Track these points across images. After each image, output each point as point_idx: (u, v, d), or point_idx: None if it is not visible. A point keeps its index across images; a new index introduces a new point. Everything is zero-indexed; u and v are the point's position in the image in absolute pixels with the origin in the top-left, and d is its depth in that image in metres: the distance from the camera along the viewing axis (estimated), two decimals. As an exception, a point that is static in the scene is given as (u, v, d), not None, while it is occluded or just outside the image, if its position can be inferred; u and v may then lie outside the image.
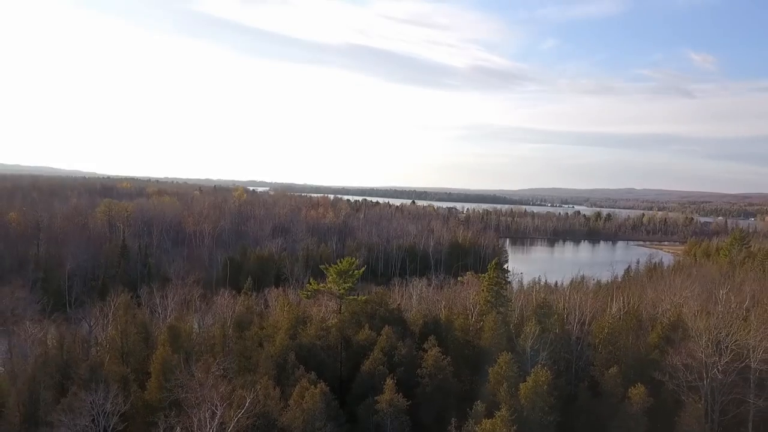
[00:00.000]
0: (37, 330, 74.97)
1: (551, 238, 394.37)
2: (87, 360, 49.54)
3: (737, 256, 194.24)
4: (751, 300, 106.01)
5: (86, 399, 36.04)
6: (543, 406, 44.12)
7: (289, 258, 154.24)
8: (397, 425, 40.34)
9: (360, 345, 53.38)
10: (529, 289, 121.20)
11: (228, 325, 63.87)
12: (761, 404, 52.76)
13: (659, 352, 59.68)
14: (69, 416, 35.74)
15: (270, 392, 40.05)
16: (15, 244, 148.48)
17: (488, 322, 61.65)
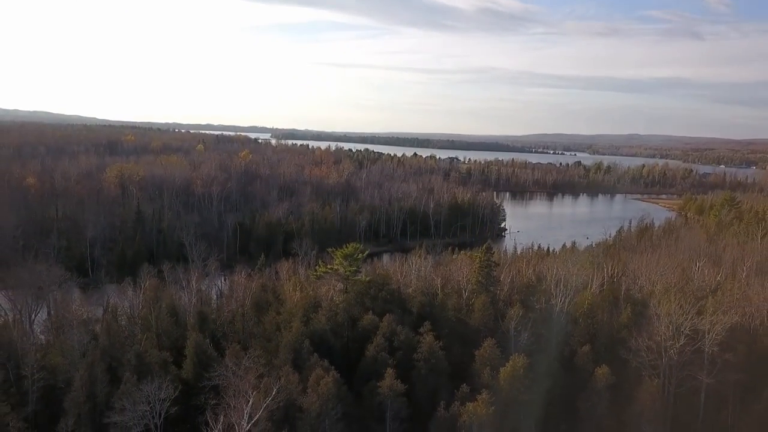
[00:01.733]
0: (79, 305, 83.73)
1: (550, 191, 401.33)
2: (131, 345, 57.55)
3: (726, 217, 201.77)
4: (726, 271, 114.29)
5: (144, 389, 44.08)
6: (519, 387, 52.36)
7: (296, 222, 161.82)
8: (396, 405, 48.63)
9: (364, 328, 61.46)
10: (522, 257, 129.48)
11: (246, 304, 72.04)
12: (711, 381, 61.21)
13: (627, 331, 67.66)
14: (129, 402, 43.92)
15: (290, 378, 48.22)
16: (35, 209, 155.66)
17: (478, 304, 69.57)
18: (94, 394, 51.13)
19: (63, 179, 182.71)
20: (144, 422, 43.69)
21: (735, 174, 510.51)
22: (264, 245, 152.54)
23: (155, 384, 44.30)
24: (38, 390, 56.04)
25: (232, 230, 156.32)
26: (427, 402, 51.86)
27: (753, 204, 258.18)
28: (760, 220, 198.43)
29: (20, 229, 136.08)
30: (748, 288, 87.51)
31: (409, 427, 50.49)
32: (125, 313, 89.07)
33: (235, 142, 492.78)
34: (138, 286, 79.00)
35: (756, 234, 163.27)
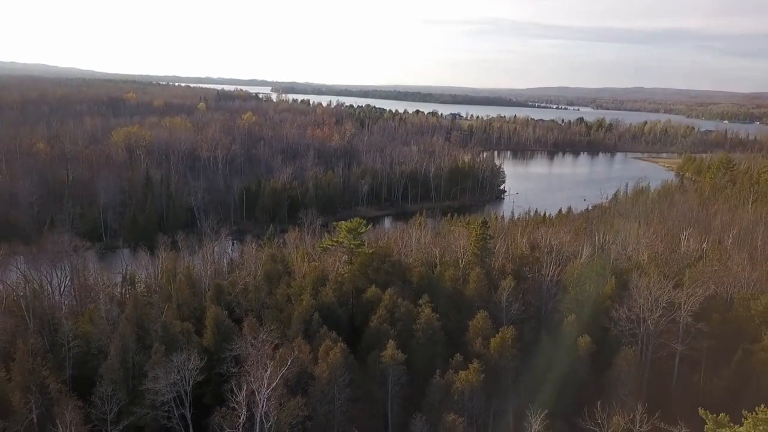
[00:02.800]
0: (100, 273, 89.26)
1: (551, 150, 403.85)
2: (155, 316, 63.17)
3: (720, 180, 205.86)
4: (713, 238, 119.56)
5: (174, 359, 49.82)
6: (508, 356, 58.16)
7: (300, 188, 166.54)
8: (396, 372, 54.50)
9: (368, 300, 67.07)
10: (517, 225, 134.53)
11: (258, 275, 77.58)
12: (684, 348, 67.12)
13: (611, 302, 73.17)
14: (162, 371, 49.72)
15: (303, 349, 53.98)
16: (46, 176, 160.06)
17: (473, 276, 74.94)
18: (126, 361, 57.07)
19: (72, 143, 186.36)
20: (176, 389, 49.62)
21: (737, 131, 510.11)
22: (270, 210, 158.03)
23: (184, 355, 49.98)
24: (74, 356, 62.14)
25: (239, 195, 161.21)
26: (424, 369, 57.76)
27: (750, 165, 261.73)
28: (754, 184, 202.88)
29: (35, 196, 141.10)
30: (728, 258, 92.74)
31: (408, 391, 56.53)
32: (142, 281, 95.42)
33: (237, 99, 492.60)
34: (153, 254, 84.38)
35: (747, 198, 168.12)
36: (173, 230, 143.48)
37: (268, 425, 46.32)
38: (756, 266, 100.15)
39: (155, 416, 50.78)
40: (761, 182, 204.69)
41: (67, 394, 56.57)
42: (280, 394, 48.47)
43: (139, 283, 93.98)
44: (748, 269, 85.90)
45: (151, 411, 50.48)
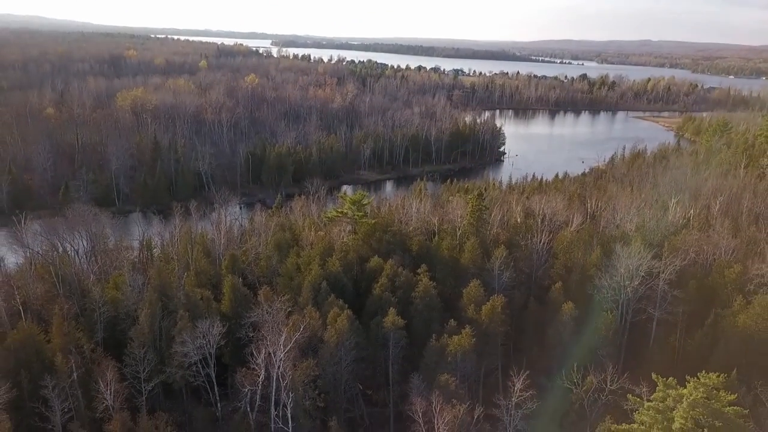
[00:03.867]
0: (119, 240, 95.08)
1: (553, 109, 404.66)
2: (177, 284, 69.16)
3: (716, 144, 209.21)
4: (701, 204, 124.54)
5: (199, 326, 55.95)
6: (497, 321, 64.28)
7: (304, 152, 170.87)
8: (397, 336, 60.69)
9: (371, 269, 72.91)
10: (513, 191, 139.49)
11: (269, 244, 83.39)
12: (662, 313, 73.30)
13: (596, 270, 78.91)
14: (189, 335, 55.92)
15: (313, 315, 60.13)
16: (57, 140, 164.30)
17: (468, 246, 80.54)
18: (154, 326, 63.33)
19: (79, 107, 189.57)
20: (201, 352, 55.97)
21: (741, 88, 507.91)
22: (275, 175, 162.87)
23: (208, 322, 56.14)
24: (104, 321, 68.41)
25: (244, 160, 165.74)
26: (422, 333, 64.02)
27: (749, 125, 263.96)
28: (749, 147, 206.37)
29: (49, 161, 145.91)
30: (710, 228, 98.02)
31: (407, 353, 62.90)
32: (158, 246, 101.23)
33: (237, 55, 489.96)
34: (164, 219, 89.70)
35: (740, 163, 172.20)
36: (183, 195, 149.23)
37: (283, 383, 52.70)
38: (738, 233, 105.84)
39: (183, 375, 57.34)
40: (756, 145, 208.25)
41: (102, 355, 63.23)
42: (294, 356, 54.74)
43: (155, 248, 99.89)
44: (728, 237, 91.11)
45: (179, 370, 56.96)
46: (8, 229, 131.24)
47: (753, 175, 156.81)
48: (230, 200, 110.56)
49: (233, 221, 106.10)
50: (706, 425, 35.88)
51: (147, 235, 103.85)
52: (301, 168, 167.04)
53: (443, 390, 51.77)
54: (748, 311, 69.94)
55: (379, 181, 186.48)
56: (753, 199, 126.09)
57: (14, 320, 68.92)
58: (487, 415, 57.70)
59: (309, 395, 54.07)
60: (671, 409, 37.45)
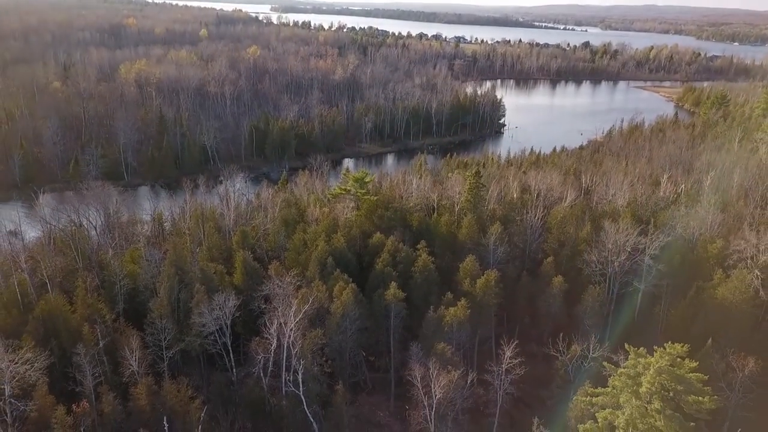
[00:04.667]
0: (133, 215, 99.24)
1: (554, 79, 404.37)
2: (191, 258, 73.75)
3: (713, 116, 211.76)
4: (693, 178, 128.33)
5: (215, 299, 60.68)
6: (491, 294, 69.02)
7: (306, 126, 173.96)
8: (397, 308, 65.47)
9: (374, 245, 77.40)
10: (511, 166, 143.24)
11: (276, 220, 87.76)
12: (647, 286, 78.01)
13: (586, 245, 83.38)
14: (206, 307, 60.72)
15: (320, 289, 64.88)
16: (64, 114, 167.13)
17: (465, 222, 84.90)
18: (172, 298, 68.19)
19: (84, 79, 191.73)
20: (218, 322, 60.85)
21: (744, 56, 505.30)
22: (278, 148, 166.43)
23: (224, 295, 60.91)
24: (124, 293, 73.17)
25: (248, 133, 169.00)
26: (421, 305, 68.80)
27: (748, 96, 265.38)
28: (746, 119, 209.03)
29: (59, 136, 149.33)
30: (698, 203, 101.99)
31: (407, 323, 67.80)
32: (168, 220, 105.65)
33: (238, 22, 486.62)
34: (172, 192, 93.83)
35: (735, 136, 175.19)
36: (189, 168, 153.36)
37: (294, 351, 57.67)
38: (727, 208, 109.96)
39: (201, 343, 62.39)
40: (753, 117, 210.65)
41: (124, 325, 68.20)
42: (303, 326, 59.60)
43: (166, 223, 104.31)
44: (714, 213, 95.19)
45: (198, 339, 62.00)
46: (22, 203, 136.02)
47: (746, 149, 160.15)
48: (236, 174, 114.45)
49: (240, 196, 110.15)
50: (670, 389, 40.75)
51: (158, 210, 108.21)
52: (304, 142, 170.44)
53: (440, 357, 56.64)
54: (726, 284, 74.57)
55: (380, 154, 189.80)
56: (744, 174, 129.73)
57: (39, 292, 73.88)
58: (480, 380, 63.01)
59: (317, 362, 59.12)
60: (640, 375, 42.29)
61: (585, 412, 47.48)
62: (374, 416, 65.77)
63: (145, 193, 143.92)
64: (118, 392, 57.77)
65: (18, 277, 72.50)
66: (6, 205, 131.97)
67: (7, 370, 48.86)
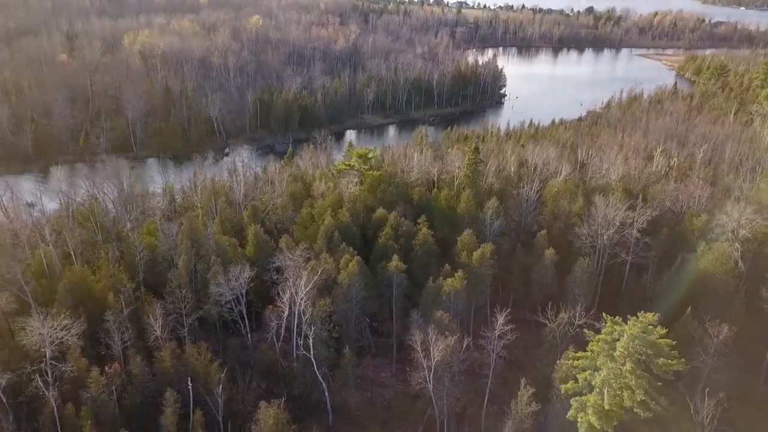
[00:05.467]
0: (145, 187, 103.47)
1: (556, 46, 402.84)
2: (204, 232, 78.53)
3: (712, 87, 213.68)
4: (686, 152, 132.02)
5: (231, 270, 65.63)
6: (486, 266, 73.94)
7: (309, 98, 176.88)
8: (399, 279, 70.50)
9: (377, 219, 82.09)
10: (509, 140, 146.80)
11: (284, 195, 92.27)
12: (634, 258, 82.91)
13: (577, 218, 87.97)
14: (223, 278, 65.73)
15: (328, 261, 69.84)
16: (72, 87, 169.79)
17: (464, 197, 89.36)
18: (189, 268, 73.23)
19: (90, 51, 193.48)
20: (234, 292, 65.98)
21: (749, 22, 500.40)
22: (282, 120, 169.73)
23: (239, 267, 65.92)
24: (144, 264, 78.14)
25: (252, 105, 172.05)
26: (421, 275, 73.80)
27: (749, 65, 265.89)
28: (744, 90, 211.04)
29: (68, 108, 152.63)
30: (687, 177, 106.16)
31: (408, 292, 72.86)
32: (180, 193, 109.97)
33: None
34: (182, 166, 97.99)
35: (731, 108, 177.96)
36: (196, 141, 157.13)
37: (304, 318, 62.91)
38: (716, 182, 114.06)
39: (219, 311, 67.69)
40: (751, 89, 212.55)
41: (144, 294, 73.42)
42: (313, 296, 64.67)
43: (177, 196, 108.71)
44: (703, 187, 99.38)
45: (215, 307, 67.27)
46: (35, 175, 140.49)
47: (741, 121, 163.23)
48: (242, 147, 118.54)
49: (248, 169, 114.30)
50: (641, 353, 45.92)
51: (169, 183, 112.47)
52: (307, 114, 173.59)
53: (438, 324, 61.79)
54: (708, 256, 79.55)
55: (382, 125, 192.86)
56: (735, 147, 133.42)
57: (63, 263, 79.04)
58: (475, 344, 68.47)
59: (325, 328, 64.39)
60: (615, 341, 47.41)
61: (568, 374, 52.86)
62: (378, 377, 71.49)
63: (153, 165, 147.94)
64: (144, 355, 63.18)
65: (44, 248, 77.46)
66: (20, 177, 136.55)
67: (47, 335, 54.08)
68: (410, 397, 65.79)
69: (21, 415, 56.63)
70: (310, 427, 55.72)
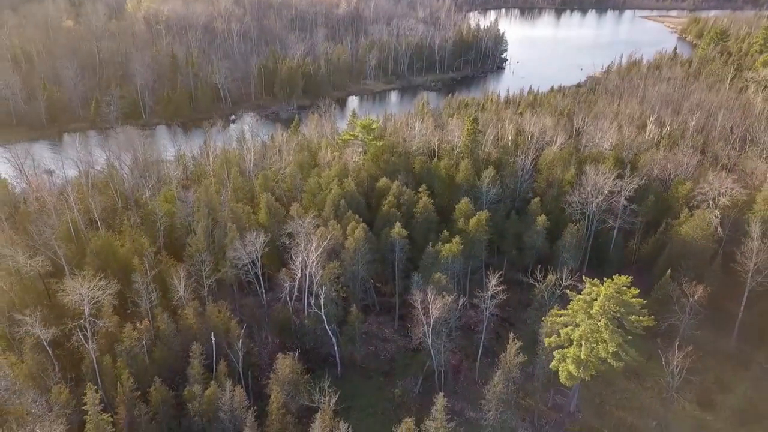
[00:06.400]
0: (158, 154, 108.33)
1: (559, 7, 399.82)
2: (220, 200, 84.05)
3: (711, 53, 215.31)
4: (680, 120, 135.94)
5: (248, 236, 71.42)
6: (482, 231, 79.61)
7: (313, 64, 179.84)
8: (401, 243, 76.27)
9: (381, 189, 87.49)
10: (510, 105, 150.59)
11: (292, 164, 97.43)
12: (621, 223, 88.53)
13: (569, 186, 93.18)
14: (240, 244, 71.56)
15: (335, 227, 75.58)
16: (80, 54, 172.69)
17: (463, 166, 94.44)
18: (207, 235, 79.09)
19: (95, 18, 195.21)
20: (250, 256, 71.96)
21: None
22: (287, 87, 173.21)
23: (254, 233, 71.75)
24: (164, 229, 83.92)
25: (257, 72, 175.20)
26: (421, 241, 79.57)
27: (751, 28, 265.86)
28: (742, 56, 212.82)
29: (79, 76, 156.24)
30: (676, 148, 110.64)
31: (410, 256, 78.73)
32: (190, 161, 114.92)
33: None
34: (191, 133, 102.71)
35: (727, 75, 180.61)
36: (203, 108, 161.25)
37: (315, 279, 69.05)
38: (706, 150, 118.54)
39: (237, 273, 73.84)
40: (750, 53, 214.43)
41: (165, 257, 79.49)
42: (322, 259, 70.61)
43: (188, 164, 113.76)
44: (691, 155, 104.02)
45: (233, 270, 73.39)
46: (50, 142, 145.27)
47: (737, 88, 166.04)
48: (248, 114, 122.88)
49: (256, 137, 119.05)
50: (615, 310, 52.04)
51: (182, 152, 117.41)
52: (311, 80, 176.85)
53: (436, 285, 67.80)
54: (690, 222, 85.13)
55: (384, 91, 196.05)
56: (728, 115, 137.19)
57: (87, 229, 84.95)
58: (471, 303, 75.07)
59: (334, 288, 70.54)
60: (593, 300, 53.48)
61: (552, 329, 59.16)
62: (381, 332, 78.18)
63: (163, 132, 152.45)
64: (169, 313, 69.51)
65: (70, 215, 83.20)
66: (35, 144, 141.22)
67: (86, 295, 60.28)
68: (411, 351, 72.67)
69: (65, 366, 63.34)
70: (321, 377, 62.27)
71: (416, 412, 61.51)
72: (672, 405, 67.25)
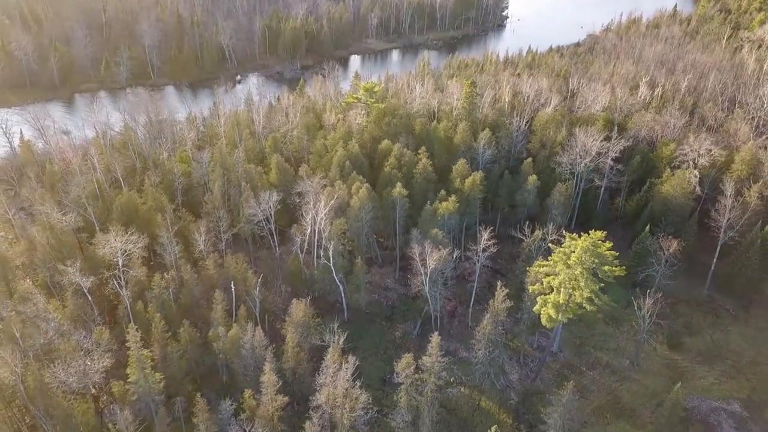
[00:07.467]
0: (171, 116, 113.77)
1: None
2: (233, 160, 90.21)
3: (710, 11, 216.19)
4: (674, 80, 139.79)
5: (263, 196, 77.99)
6: (477, 191, 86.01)
7: (315, 24, 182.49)
8: (402, 202, 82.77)
9: (382, 151, 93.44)
10: (508, 65, 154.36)
11: (298, 127, 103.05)
12: (608, 182, 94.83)
13: (560, 148, 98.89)
14: (256, 202, 78.18)
15: (341, 187, 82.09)
16: (87, 14, 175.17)
17: (460, 128, 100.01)
18: (223, 193, 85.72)
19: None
20: (264, 213, 78.73)
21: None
22: (290, 47, 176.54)
23: (268, 192, 78.35)
24: (181, 189, 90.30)
25: (261, 33, 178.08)
26: (420, 199, 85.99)
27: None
28: (742, 13, 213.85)
29: (88, 38, 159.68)
30: (665, 110, 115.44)
31: (409, 213, 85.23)
32: (200, 123, 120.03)
33: None
34: (198, 93, 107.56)
35: (723, 34, 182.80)
36: (209, 68, 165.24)
37: (324, 234, 76.01)
38: (695, 110, 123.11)
39: (252, 229, 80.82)
40: (749, 11, 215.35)
41: (185, 213, 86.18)
42: (330, 216, 77.38)
43: (199, 125, 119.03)
44: (679, 116, 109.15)
45: (249, 226, 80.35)
46: (63, 103, 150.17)
47: (732, 48, 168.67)
48: (253, 74, 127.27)
49: (262, 98, 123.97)
50: (590, 261, 59.08)
51: (193, 113, 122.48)
52: (313, 40, 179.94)
53: (433, 239, 74.67)
54: (670, 181, 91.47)
55: (385, 50, 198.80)
56: (719, 76, 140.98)
57: (110, 188, 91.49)
58: (465, 256, 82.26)
59: (341, 242, 77.53)
60: (572, 252, 60.47)
61: (536, 278, 66.42)
62: (383, 282, 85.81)
63: (172, 92, 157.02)
64: (192, 265, 76.79)
65: (95, 175, 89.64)
66: (49, 104, 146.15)
67: (120, 248, 67.38)
68: (410, 298, 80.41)
69: (103, 310, 71.06)
70: (330, 320, 69.89)
71: (415, 351, 69.42)
72: (643, 345, 75.25)
